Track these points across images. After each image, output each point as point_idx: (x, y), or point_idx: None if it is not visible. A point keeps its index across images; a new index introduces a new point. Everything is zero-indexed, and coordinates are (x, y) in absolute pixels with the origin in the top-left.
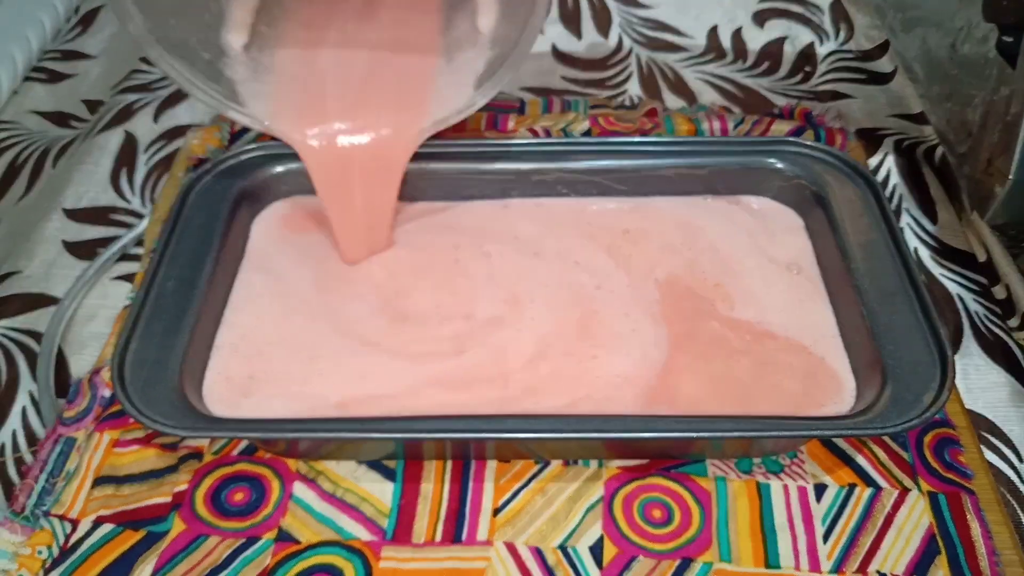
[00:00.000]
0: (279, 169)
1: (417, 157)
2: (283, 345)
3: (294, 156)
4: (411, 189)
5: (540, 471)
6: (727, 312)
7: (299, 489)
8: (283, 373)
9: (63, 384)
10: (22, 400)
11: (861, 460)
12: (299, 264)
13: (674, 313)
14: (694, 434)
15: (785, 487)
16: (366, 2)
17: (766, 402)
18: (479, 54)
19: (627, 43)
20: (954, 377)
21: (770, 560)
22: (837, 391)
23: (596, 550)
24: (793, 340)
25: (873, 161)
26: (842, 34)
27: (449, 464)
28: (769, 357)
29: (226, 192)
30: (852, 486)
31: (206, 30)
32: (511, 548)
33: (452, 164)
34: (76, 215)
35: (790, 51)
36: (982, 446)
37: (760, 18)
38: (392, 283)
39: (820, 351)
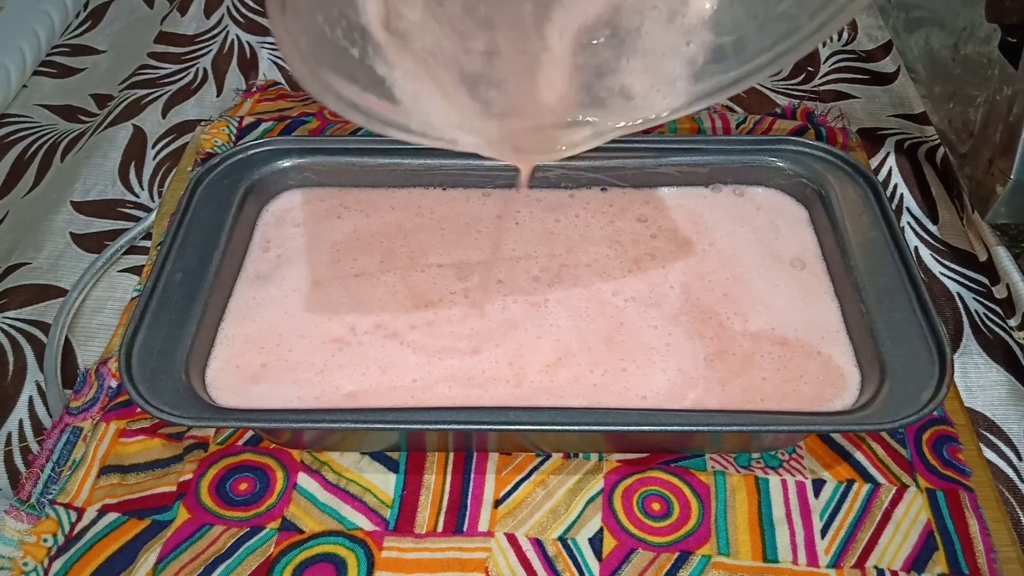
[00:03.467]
0: (286, 163)
1: (424, 153)
2: (298, 334)
3: (301, 151)
4: (415, 179)
5: (541, 464)
6: (742, 326)
7: (303, 479)
8: (298, 362)
9: (70, 374)
10: (29, 390)
11: (859, 456)
12: (310, 254)
13: (702, 328)
14: (694, 428)
15: (783, 482)
16: None
17: (787, 408)
18: (683, 38)
19: None
20: (952, 375)
21: (768, 554)
22: (844, 387)
23: (596, 542)
24: (804, 342)
25: (875, 161)
26: (845, 34)
27: (451, 456)
28: (786, 364)
29: (234, 186)
30: (850, 482)
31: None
32: (512, 539)
33: (456, 160)
34: (84, 208)
35: None
36: (981, 444)
37: None
38: (406, 272)
39: (827, 349)
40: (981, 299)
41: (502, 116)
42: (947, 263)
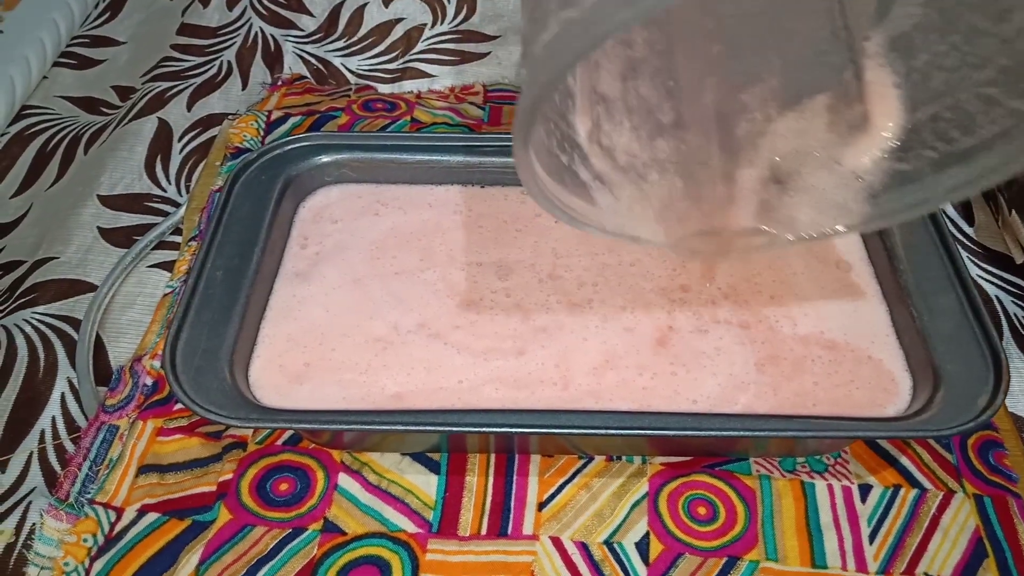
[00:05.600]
0: (324, 159)
1: (462, 151)
2: (340, 333)
3: (338, 147)
4: (453, 176)
5: (584, 466)
6: (791, 330)
7: (344, 480)
8: (342, 362)
9: (101, 371)
10: (61, 386)
11: (905, 461)
12: (348, 252)
13: (752, 332)
14: (748, 433)
15: (830, 486)
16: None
17: (839, 413)
18: (849, 177)
19: None
20: (1009, 381)
21: (816, 560)
22: (896, 392)
23: (642, 546)
24: (853, 346)
25: None
26: None
27: (492, 457)
28: (836, 368)
29: (272, 181)
30: (897, 487)
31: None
32: (557, 543)
33: (495, 158)
34: (111, 202)
35: None
36: None
37: None
38: (446, 271)
39: (878, 353)
40: (1019, 302)
41: (686, 221)
42: (984, 265)
